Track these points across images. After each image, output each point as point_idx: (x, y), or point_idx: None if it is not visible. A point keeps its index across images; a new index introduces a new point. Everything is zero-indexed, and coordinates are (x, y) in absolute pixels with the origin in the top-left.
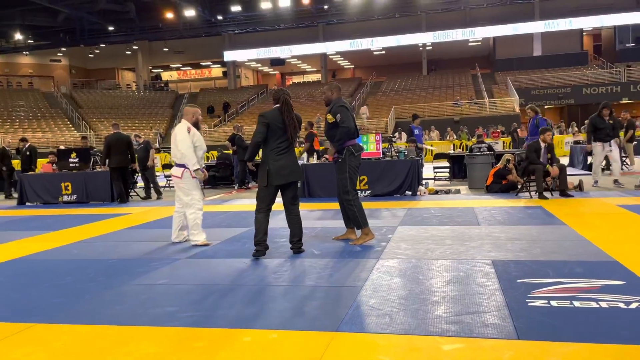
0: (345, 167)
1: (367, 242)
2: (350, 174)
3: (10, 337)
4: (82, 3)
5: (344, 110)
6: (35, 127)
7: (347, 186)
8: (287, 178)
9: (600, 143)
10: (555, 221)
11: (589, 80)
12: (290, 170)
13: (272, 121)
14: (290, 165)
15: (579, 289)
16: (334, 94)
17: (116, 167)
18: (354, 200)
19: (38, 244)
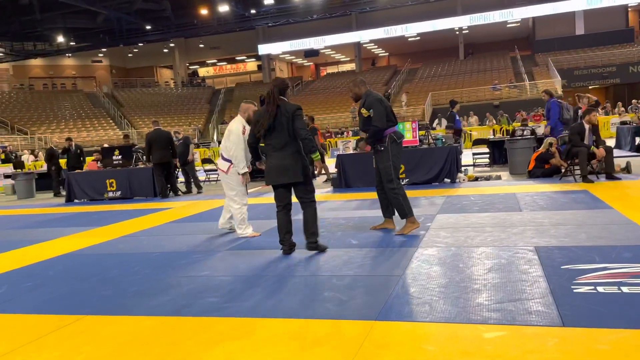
0: (388, 155)
1: (414, 231)
2: (394, 162)
3: (62, 328)
4: (119, 3)
5: (377, 104)
6: (80, 126)
7: (392, 175)
8: (275, 179)
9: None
10: (602, 205)
11: (636, 57)
12: (278, 170)
13: (260, 118)
14: (280, 166)
15: (627, 274)
16: (361, 89)
17: (158, 163)
18: (398, 189)
19: (86, 240)
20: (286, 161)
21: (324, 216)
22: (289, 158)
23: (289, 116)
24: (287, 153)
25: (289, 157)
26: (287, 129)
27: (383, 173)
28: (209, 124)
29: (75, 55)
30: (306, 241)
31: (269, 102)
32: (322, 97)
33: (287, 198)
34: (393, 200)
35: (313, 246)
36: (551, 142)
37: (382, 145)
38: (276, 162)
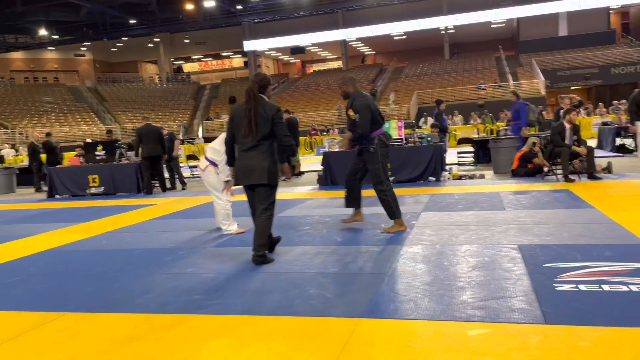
0: (377, 157)
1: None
2: (383, 163)
3: (44, 325)
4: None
5: (364, 111)
6: (62, 121)
7: (381, 176)
8: (243, 180)
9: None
10: (583, 204)
11: (617, 59)
12: (246, 170)
13: (235, 114)
14: (248, 166)
15: (609, 272)
16: (350, 87)
17: (148, 157)
18: (388, 191)
19: (68, 236)
20: (254, 161)
21: (310, 213)
22: (257, 158)
23: (267, 117)
24: (256, 153)
25: (257, 157)
26: (262, 129)
27: (372, 175)
28: (194, 120)
29: (57, 48)
30: (253, 253)
31: (249, 99)
32: (308, 94)
33: None
34: (382, 202)
35: (259, 260)
36: (534, 142)
37: (372, 146)
38: (245, 162)
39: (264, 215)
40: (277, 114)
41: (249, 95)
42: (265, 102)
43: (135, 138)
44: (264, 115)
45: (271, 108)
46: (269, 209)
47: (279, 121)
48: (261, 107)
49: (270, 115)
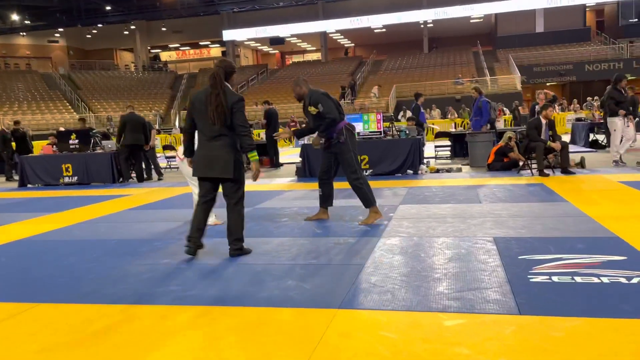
0: (349, 146)
1: (377, 220)
2: (354, 152)
3: (16, 316)
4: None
5: (324, 98)
6: (34, 108)
7: (354, 165)
8: (203, 171)
9: (620, 118)
10: (557, 198)
11: (592, 56)
12: (207, 162)
13: (197, 100)
14: (210, 157)
15: (581, 264)
16: (303, 88)
17: (129, 145)
18: (362, 178)
19: (40, 226)
20: (217, 152)
21: (288, 205)
22: (220, 150)
23: (229, 106)
24: (219, 144)
25: (220, 148)
26: (224, 119)
27: (346, 164)
28: (171, 110)
29: (30, 34)
30: (230, 247)
31: (215, 83)
32: (288, 85)
33: (212, 193)
34: (357, 191)
35: (238, 252)
36: (510, 137)
37: (342, 137)
38: (206, 152)
39: (235, 210)
40: (238, 103)
41: (215, 79)
42: (228, 89)
43: (119, 125)
44: (226, 104)
45: (233, 96)
46: (238, 204)
47: (238, 110)
48: (224, 95)
49: (231, 103)
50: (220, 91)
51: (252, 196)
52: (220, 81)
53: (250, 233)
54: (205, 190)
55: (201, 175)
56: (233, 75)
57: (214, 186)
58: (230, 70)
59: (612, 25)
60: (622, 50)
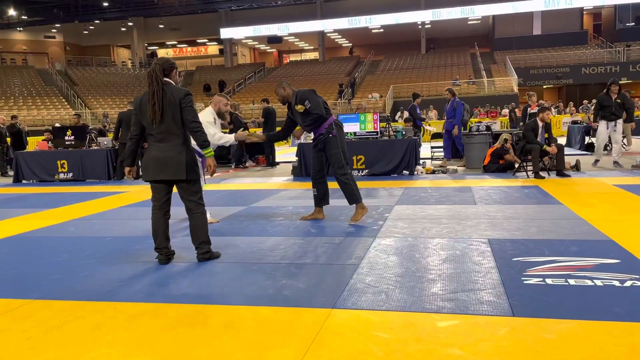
0: (338, 141)
1: (364, 216)
2: (343, 147)
3: (9, 312)
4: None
5: (311, 95)
6: (30, 104)
7: (342, 161)
8: (154, 174)
9: (605, 122)
10: (552, 200)
11: (588, 59)
12: (158, 164)
13: (141, 103)
14: (160, 159)
15: (574, 267)
16: (286, 90)
17: (124, 142)
18: (349, 174)
19: (35, 222)
20: (168, 154)
21: (284, 204)
22: (171, 150)
23: (175, 102)
24: (170, 145)
25: (172, 149)
26: (172, 116)
27: (334, 160)
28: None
29: (26, 29)
30: (197, 252)
31: (152, 82)
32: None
33: (166, 196)
34: (344, 187)
35: (205, 256)
36: (506, 139)
37: (331, 132)
38: (156, 154)
39: (197, 211)
40: (186, 98)
41: (152, 77)
42: (172, 86)
43: (116, 123)
44: (171, 99)
45: (179, 92)
46: (200, 204)
47: (187, 106)
48: (168, 91)
49: (178, 99)
50: (159, 88)
51: (248, 195)
52: (156, 77)
53: (246, 232)
54: (160, 194)
55: (153, 179)
56: (173, 72)
57: (166, 189)
58: (168, 67)
59: (609, 28)
60: (619, 53)
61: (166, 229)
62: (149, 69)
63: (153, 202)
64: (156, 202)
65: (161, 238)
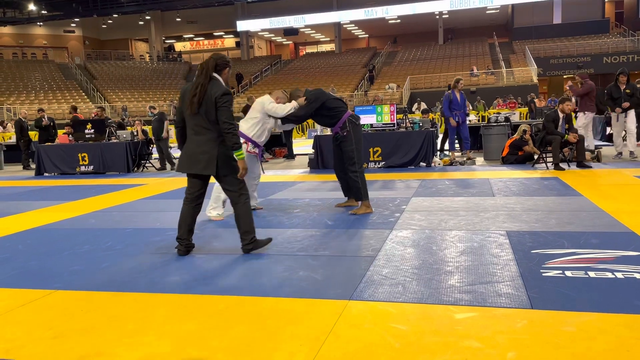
0: (351, 139)
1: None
2: (357, 144)
3: (32, 302)
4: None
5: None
6: (51, 98)
7: (354, 158)
8: (186, 167)
9: (614, 114)
10: (572, 192)
11: (610, 48)
12: (191, 158)
13: (185, 93)
14: (193, 153)
15: (595, 259)
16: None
17: None
18: (359, 173)
19: (56, 214)
20: (200, 148)
21: (301, 196)
22: (204, 145)
23: (212, 99)
24: (204, 138)
25: (205, 143)
26: (205, 111)
27: (346, 157)
28: None
29: (46, 24)
30: (241, 243)
31: (200, 74)
32: (301, 76)
33: (199, 190)
34: (352, 183)
35: (248, 247)
36: (525, 130)
37: (345, 130)
38: (191, 147)
39: (239, 202)
40: (222, 97)
41: (202, 69)
42: (216, 82)
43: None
44: (209, 95)
45: (218, 89)
46: (242, 194)
47: (222, 105)
48: (210, 86)
49: (214, 97)
50: (205, 81)
51: (265, 187)
52: (206, 71)
53: (263, 224)
54: (193, 187)
55: (185, 172)
56: (225, 70)
57: (202, 182)
58: (222, 63)
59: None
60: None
61: (192, 221)
62: (204, 61)
63: (186, 193)
64: (189, 194)
65: (184, 229)
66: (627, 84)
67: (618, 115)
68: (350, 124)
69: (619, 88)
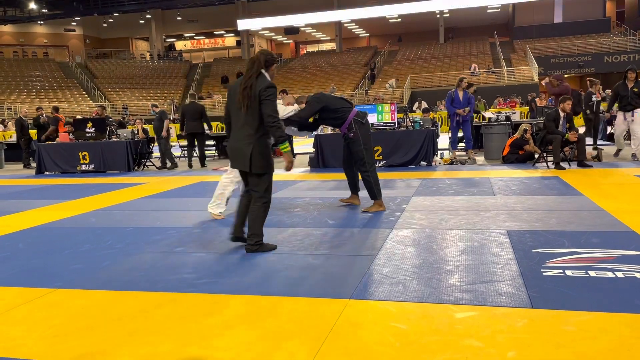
0: (359, 140)
1: (387, 212)
2: (365, 144)
3: (32, 301)
4: None
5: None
6: (52, 96)
7: (363, 158)
8: (232, 162)
9: (622, 112)
10: (572, 191)
11: (611, 48)
12: (233, 153)
13: (233, 89)
14: (234, 149)
15: (595, 259)
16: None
17: (190, 133)
18: (370, 172)
19: (57, 213)
20: (238, 144)
21: (301, 195)
22: (242, 141)
23: (256, 94)
24: (243, 134)
25: (242, 140)
26: (252, 107)
27: (355, 157)
28: (185, 99)
29: (47, 23)
30: (247, 241)
31: (250, 68)
32: (302, 75)
33: None
34: (364, 182)
35: (252, 248)
36: (526, 129)
37: (352, 132)
38: (232, 143)
39: (258, 202)
40: (266, 90)
41: (253, 63)
42: (263, 77)
43: (180, 116)
44: (254, 89)
45: (262, 83)
46: (263, 197)
47: (266, 98)
48: (257, 81)
49: (258, 91)
50: (254, 74)
51: None
52: (257, 66)
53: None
54: (245, 181)
55: (232, 166)
56: (273, 66)
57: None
58: (271, 59)
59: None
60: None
61: (244, 213)
62: (254, 56)
63: (244, 185)
64: (245, 186)
65: (237, 220)
66: (635, 81)
67: (625, 114)
68: (357, 124)
69: (626, 86)
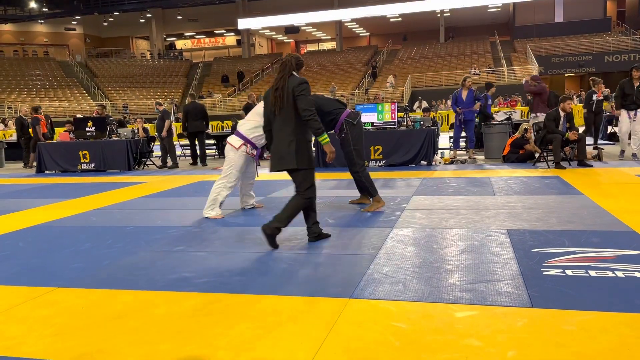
0: (349, 141)
1: (380, 209)
2: (355, 145)
3: (33, 300)
4: None
5: None
6: (52, 96)
7: (353, 159)
8: (275, 166)
9: (626, 111)
10: (573, 191)
11: (612, 47)
12: (276, 156)
13: (267, 95)
14: (277, 151)
15: (595, 258)
16: None
17: (192, 132)
18: (361, 172)
19: (57, 211)
20: (282, 145)
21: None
22: (284, 142)
23: (290, 92)
24: (284, 134)
25: (284, 139)
26: (287, 107)
27: (346, 157)
28: (186, 98)
29: (47, 22)
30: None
31: (282, 70)
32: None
33: None
34: (356, 182)
35: (269, 231)
36: (526, 128)
37: (342, 133)
38: (275, 146)
39: (299, 195)
40: (299, 86)
41: (285, 66)
42: (294, 77)
43: (182, 115)
44: (288, 89)
45: (294, 81)
46: (306, 194)
47: (300, 94)
48: (289, 81)
49: (292, 88)
50: (285, 75)
51: (265, 185)
52: (289, 68)
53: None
54: (293, 182)
55: (274, 170)
56: (302, 69)
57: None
58: (300, 62)
59: (633, 15)
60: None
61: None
62: (284, 59)
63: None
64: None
65: (307, 223)
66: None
67: (629, 112)
68: (348, 125)
69: (632, 84)
